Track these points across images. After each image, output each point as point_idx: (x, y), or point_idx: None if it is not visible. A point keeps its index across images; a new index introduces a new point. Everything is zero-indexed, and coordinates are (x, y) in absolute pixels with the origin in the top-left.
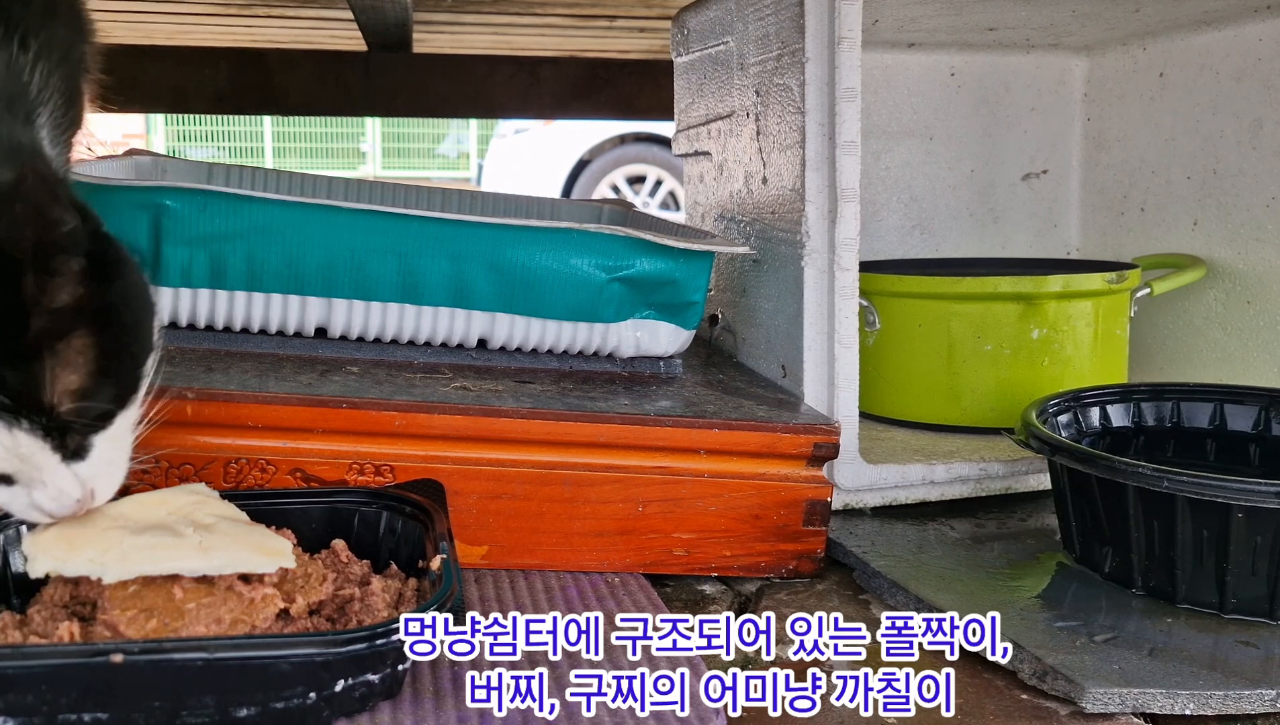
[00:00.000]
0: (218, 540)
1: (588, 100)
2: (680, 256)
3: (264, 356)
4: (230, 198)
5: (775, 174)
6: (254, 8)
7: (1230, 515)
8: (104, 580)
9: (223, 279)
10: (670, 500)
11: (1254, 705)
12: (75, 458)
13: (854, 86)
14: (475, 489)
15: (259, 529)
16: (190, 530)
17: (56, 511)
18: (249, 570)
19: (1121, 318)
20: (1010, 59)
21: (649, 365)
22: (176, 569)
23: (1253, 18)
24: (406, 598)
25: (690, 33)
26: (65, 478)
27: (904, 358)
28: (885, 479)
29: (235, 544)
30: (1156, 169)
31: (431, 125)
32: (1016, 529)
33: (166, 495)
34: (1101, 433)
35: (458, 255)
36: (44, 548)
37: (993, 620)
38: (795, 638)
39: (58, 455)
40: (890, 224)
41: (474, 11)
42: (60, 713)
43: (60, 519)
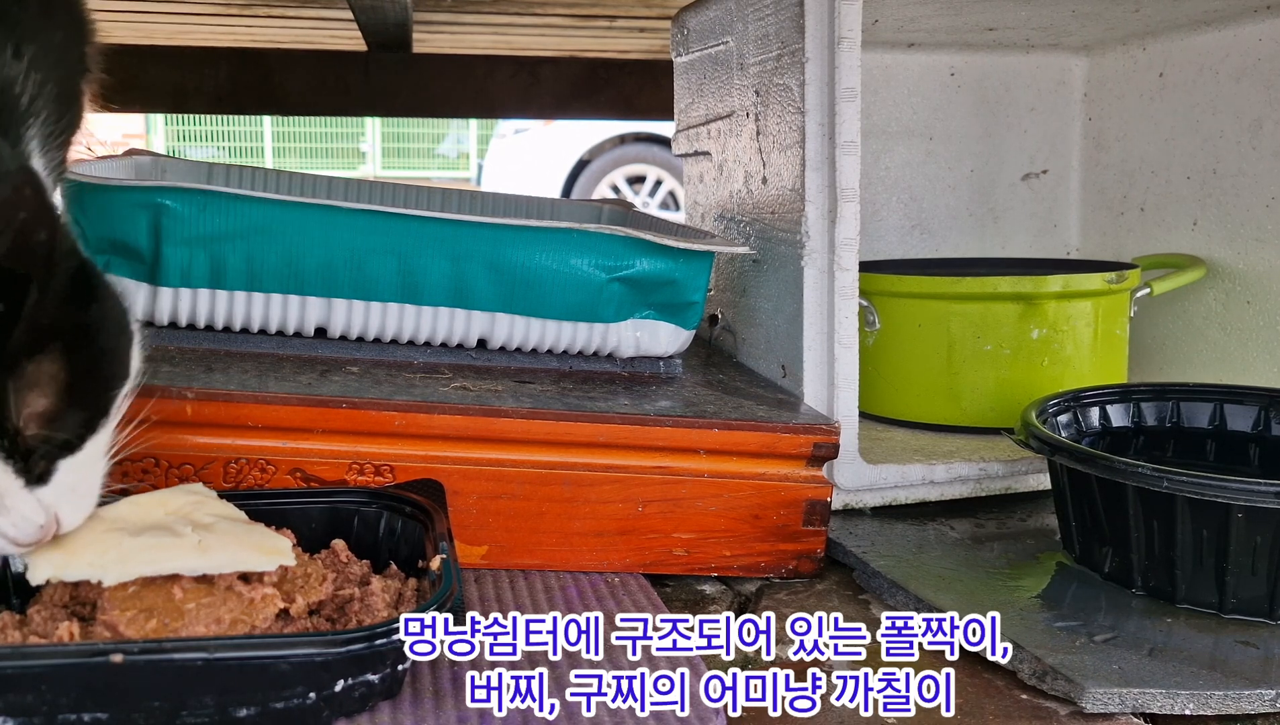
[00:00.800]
0: (217, 540)
1: (588, 100)
2: (680, 256)
3: (264, 356)
4: (230, 198)
5: (775, 174)
6: (254, 8)
7: (1230, 515)
8: (104, 584)
9: (222, 279)
10: (670, 500)
11: (1254, 705)
12: (39, 483)
13: (854, 86)
14: (475, 489)
15: (258, 528)
16: (189, 530)
17: (19, 538)
18: (249, 569)
19: (1121, 318)
20: (1010, 59)
21: (649, 365)
22: (176, 569)
23: (1253, 18)
24: (406, 598)
25: (690, 33)
26: (28, 503)
27: (904, 358)
28: (885, 479)
29: (234, 543)
30: (1156, 169)
31: (431, 125)
32: (1016, 529)
33: (164, 496)
34: (1101, 433)
35: (457, 255)
36: (43, 554)
37: (993, 620)
38: (795, 638)
39: (21, 480)
40: (890, 224)
41: (474, 11)
42: (60, 713)
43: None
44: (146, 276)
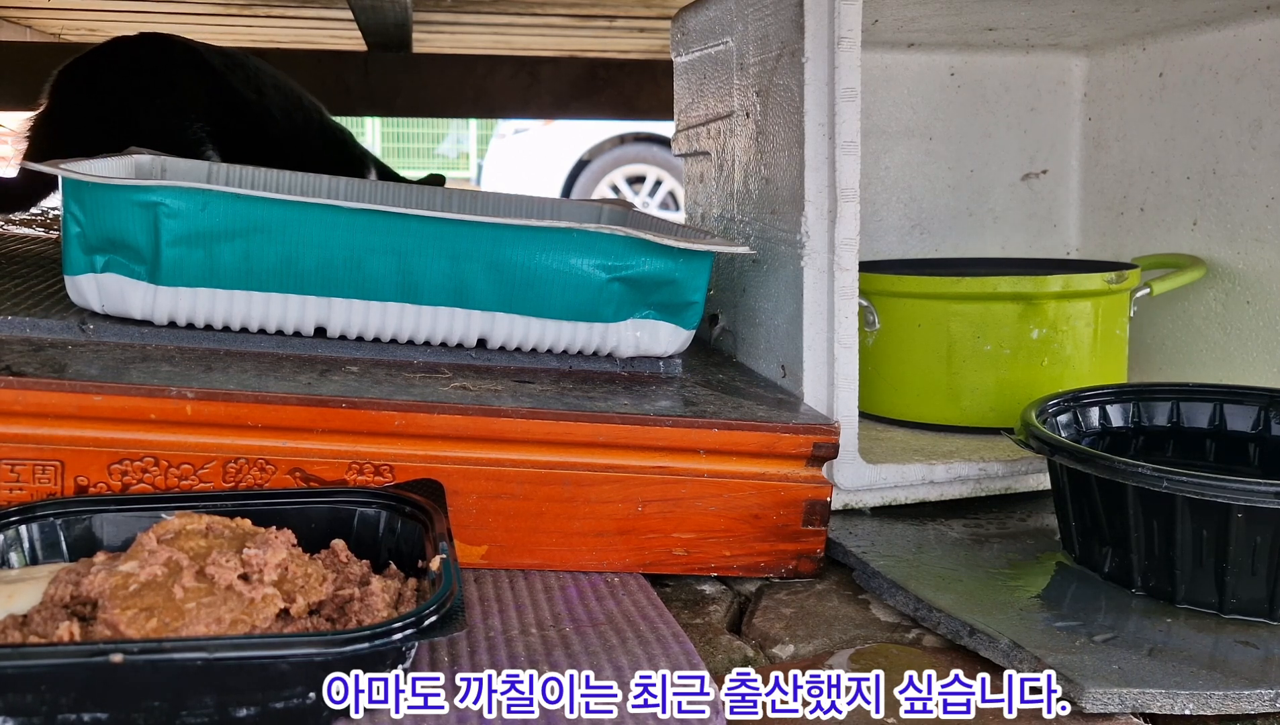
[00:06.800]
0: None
1: (588, 100)
2: (680, 256)
3: (263, 356)
4: (230, 197)
5: (775, 174)
6: (254, 8)
7: (1230, 515)
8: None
9: (222, 278)
10: (670, 500)
11: (1253, 705)
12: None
13: (854, 86)
14: (475, 489)
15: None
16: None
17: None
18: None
19: (1121, 318)
20: (1010, 59)
21: (649, 365)
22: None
23: (1253, 18)
24: (406, 598)
25: (690, 33)
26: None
27: (904, 358)
28: (885, 479)
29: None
30: (1156, 169)
31: (431, 125)
32: (1016, 529)
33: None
34: (1101, 433)
35: (457, 255)
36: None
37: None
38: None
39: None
40: (890, 224)
41: (474, 11)
42: (60, 713)
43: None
44: (146, 275)
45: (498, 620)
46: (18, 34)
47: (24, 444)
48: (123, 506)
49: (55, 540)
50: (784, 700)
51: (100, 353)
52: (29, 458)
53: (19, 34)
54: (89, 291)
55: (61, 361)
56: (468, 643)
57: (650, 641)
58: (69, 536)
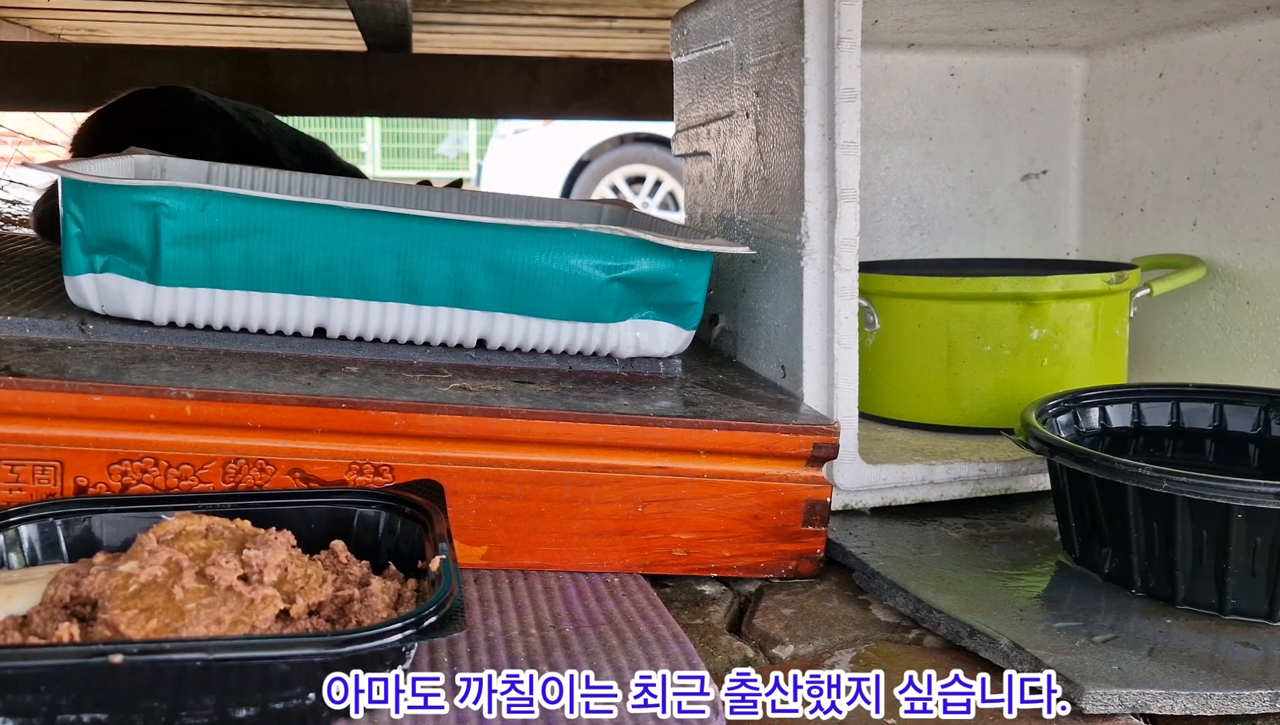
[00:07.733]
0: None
1: (588, 100)
2: (680, 256)
3: (263, 356)
4: (229, 197)
5: (775, 174)
6: (254, 8)
7: (1230, 516)
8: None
9: (222, 278)
10: (669, 500)
11: (1253, 705)
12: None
13: (854, 87)
14: (474, 489)
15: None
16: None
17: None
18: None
19: (1121, 318)
20: (1010, 59)
21: (648, 365)
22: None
23: (1253, 18)
24: (406, 598)
25: (690, 33)
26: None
27: (904, 358)
28: (885, 479)
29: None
30: (1156, 169)
31: (431, 125)
32: (1016, 529)
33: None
34: (1101, 433)
35: (457, 255)
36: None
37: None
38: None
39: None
40: (890, 224)
41: (474, 11)
42: (60, 713)
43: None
44: (146, 276)
45: (497, 621)
46: (17, 34)
47: (24, 444)
48: (122, 507)
49: (55, 541)
50: (784, 700)
51: (100, 353)
52: (29, 458)
53: (19, 34)
54: (89, 292)
55: (61, 362)
56: (468, 643)
57: (650, 642)
58: (68, 537)
